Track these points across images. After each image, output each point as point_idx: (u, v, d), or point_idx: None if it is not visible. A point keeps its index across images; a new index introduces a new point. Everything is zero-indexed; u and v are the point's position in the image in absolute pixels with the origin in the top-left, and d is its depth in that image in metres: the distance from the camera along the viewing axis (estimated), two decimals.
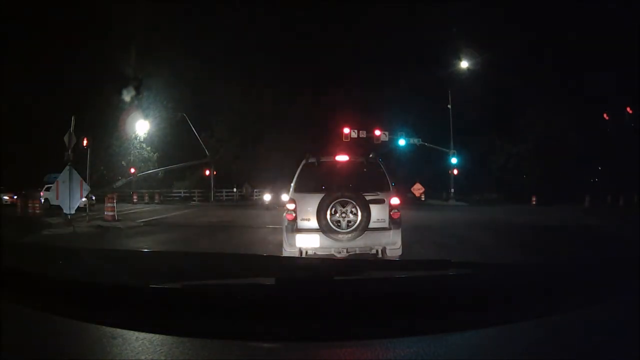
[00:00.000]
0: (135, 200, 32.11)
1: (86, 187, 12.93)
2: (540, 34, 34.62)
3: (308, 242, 6.02)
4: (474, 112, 34.97)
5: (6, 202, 25.14)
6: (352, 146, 28.46)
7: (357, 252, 6.02)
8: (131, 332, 1.14)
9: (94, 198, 21.81)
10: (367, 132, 31.09)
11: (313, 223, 5.96)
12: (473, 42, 33.05)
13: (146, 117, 35.43)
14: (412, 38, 48.93)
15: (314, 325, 1.17)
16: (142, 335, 1.12)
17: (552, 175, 33.35)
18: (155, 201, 33.29)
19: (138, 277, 1.41)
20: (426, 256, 7.85)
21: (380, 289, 1.34)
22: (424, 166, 36.47)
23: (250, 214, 19.78)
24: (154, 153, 38.88)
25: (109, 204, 15.45)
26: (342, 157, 6.72)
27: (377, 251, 6.16)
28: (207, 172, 35.67)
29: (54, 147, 15.55)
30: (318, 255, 5.97)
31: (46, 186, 21.85)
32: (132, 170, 36.23)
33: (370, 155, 6.75)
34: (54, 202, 12.79)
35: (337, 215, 5.89)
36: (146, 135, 37.58)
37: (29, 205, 18.89)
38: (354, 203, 5.88)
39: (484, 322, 1.20)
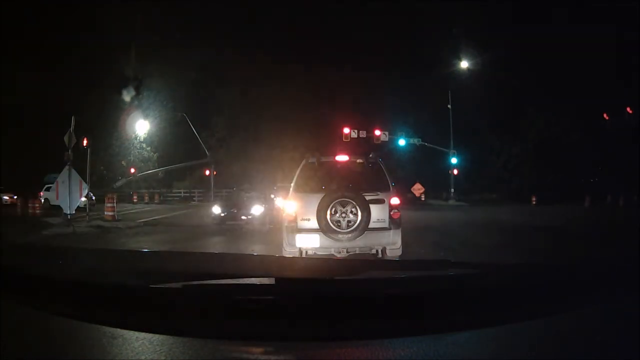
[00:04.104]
0: (135, 200, 32.15)
1: (86, 187, 12.95)
2: (541, 33, 34.65)
3: (308, 242, 6.02)
4: (474, 112, 34.99)
5: (6, 202, 25.18)
6: (352, 146, 28.44)
7: (357, 252, 6.02)
8: (131, 332, 1.14)
9: (94, 198, 21.82)
10: (367, 132, 31.01)
11: (313, 223, 5.96)
12: (473, 42, 33.08)
13: (146, 117, 35.35)
14: (412, 38, 48.97)
15: (314, 325, 1.17)
16: (142, 335, 1.12)
17: (552, 175, 33.33)
18: (155, 201, 33.30)
19: (138, 277, 1.41)
20: (426, 256, 7.83)
21: (380, 289, 1.34)
22: (424, 166, 36.50)
23: None
24: (154, 153, 38.90)
25: (109, 204, 15.46)
26: (342, 157, 6.72)
27: (377, 251, 6.17)
28: (207, 172, 35.61)
29: (54, 147, 15.54)
30: (318, 255, 5.97)
31: (46, 186, 21.89)
32: (132, 170, 36.23)
33: (370, 155, 6.74)
34: (54, 202, 12.84)
35: (337, 215, 5.89)
36: (146, 135, 37.56)
37: (29, 205, 18.95)
38: (354, 203, 5.88)
39: (484, 322, 1.20)
